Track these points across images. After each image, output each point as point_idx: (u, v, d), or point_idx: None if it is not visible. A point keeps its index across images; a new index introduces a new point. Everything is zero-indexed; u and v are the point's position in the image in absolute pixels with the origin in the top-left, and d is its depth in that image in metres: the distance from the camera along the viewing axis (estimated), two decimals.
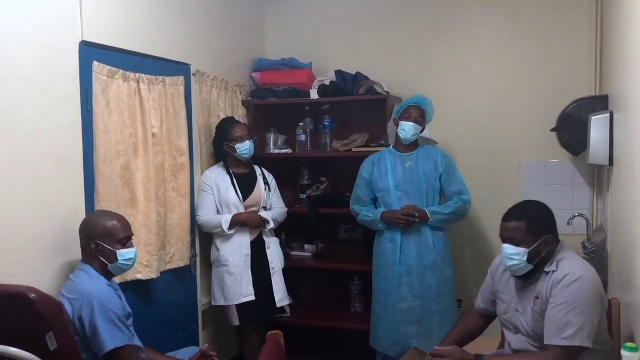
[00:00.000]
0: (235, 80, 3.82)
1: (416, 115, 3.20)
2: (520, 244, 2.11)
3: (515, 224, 2.14)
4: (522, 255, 2.11)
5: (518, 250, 2.12)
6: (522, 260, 2.12)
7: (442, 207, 3.22)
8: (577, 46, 3.56)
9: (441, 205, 3.24)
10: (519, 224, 2.14)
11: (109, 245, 2.30)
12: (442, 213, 3.20)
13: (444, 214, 3.20)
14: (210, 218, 3.28)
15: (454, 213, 3.23)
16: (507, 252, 2.14)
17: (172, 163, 3.11)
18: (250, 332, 3.38)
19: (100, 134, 2.63)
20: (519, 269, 2.15)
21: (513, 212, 2.21)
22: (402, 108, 3.25)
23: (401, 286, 3.22)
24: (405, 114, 3.21)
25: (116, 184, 2.72)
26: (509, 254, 2.13)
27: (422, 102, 3.25)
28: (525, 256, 2.11)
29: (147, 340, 2.54)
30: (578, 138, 3.19)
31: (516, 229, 2.14)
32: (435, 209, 3.20)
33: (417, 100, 3.24)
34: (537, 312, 2.11)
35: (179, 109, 3.14)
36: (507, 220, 2.18)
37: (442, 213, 3.20)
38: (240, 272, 3.27)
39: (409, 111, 3.21)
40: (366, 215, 3.31)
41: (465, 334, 2.44)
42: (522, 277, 2.20)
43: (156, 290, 3.02)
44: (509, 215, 2.20)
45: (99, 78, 2.63)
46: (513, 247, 2.13)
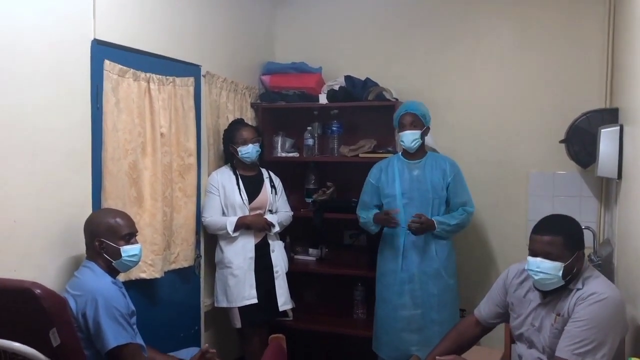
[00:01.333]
0: (245, 82, 3.83)
1: (410, 121, 3.18)
2: (557, 259, 2.05)
3: (553, 238, 2.08)
4: (558, 270, 2.05)
5: (554, 265, 2.05)
6: (558, 276, 2.05)
7: (448, 218, 3.20)
8: (588, 58, 3.55)
9: (447, 216, 3.22)
10: (557, 239, 2.07)
11: (112, 242, 2.30)
12: (448, 224, 3.19)
13: (450, 225, 3.19)
14: (215, 220, 3.28)
15: (459, 225, 3.23)
16: (542, 267, 2.07)
17: (179, 163, 3.11)
18: (252, 335, 3.37)
19: (109, 132, 2.64)
20: (550, 284, 2.09)
21: (548, 225, 2.14)
22: (397, 119, 3.26)
23: (403, 294, 3.21)
24: (401, 125, 3.22)
25: (123, 182, 2.73)
26: (544, 269, 2.06)
27: (412, 107, 3.22)
28: (561, 271, 2.05)
29: (149, 340, 2.53)
30: (587, 150, 3.18)
31: (553, 244, 2.07)
32: (442, 219, 3.18)
33: (407, 108, 3.23)
34: (557, 330, 2.07)
35: (188, 109, 3.15)
36: (543, 234, 2.11)
37: (448, 224, 3.19)
38: (244, 274, 3.27)
39: (402, 121, 3.21)
40: (363, 219, 3.33)
41: (459, 343, 2.38)
42: (544, 293, 2.15)
43: (160, 290, 3.02)
44: (544, 229, 2.13)
45: (110, 77, 2.64)
46: (549, 262, 2.06)
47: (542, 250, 2.08)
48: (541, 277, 2.08)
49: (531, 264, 2.11)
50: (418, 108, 3.23)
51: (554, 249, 2.06)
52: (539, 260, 2.08)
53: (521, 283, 2.29)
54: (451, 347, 2.35)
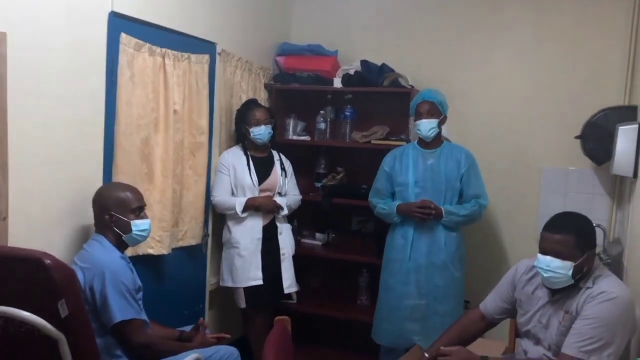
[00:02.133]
0: (260, 62, 3.79)
1: (427, 109, 3.14)
2: (567, 258, 2.03)
3: (564, 237, 2.04)
4: (568, 269, 2.03)
5: (564, 264, 2.03)
6: (567, 275, 2.03)
7: (458, 208, 3.17)
8: (609, 53, 3.49)
9: (457, 206, 3.19)
10: (568, 238, 2.04)
11: (123, 216, 2.30)
12: (457, 214, 3.16)
13: (459, 215, 3.16)
14: (224, 199, 3.28)
15: (469, 216, 3.19)
16: (552, 266, 2.04)
17: (191, 141, 3.10)
18: (256, 316, 3.38)
19: (122, 106, 2.62)
20: (559, 283, 2.07)
21: (560, 224, 2.11)
22: (413, 107, 3.22)
23: (408, 283, 3.20)
24: (418, 113, 3.18)
25: (135, 157, 2.72)
26: (554, 267, 2.04)
27: (429, 96, 3.17)
28: (571, 271, 2.02)
29: (153, 316, 2.53)
30: (603, 147, 3.14)
31: (564, 243, 2.04)
32: (451, 209, 3.16)
33: (424, 96, 3.19)
34: (565, 327, 2.06)
35: (202, 87, 3.13)
36: (554, 232, 2.07)
37: (457, 214, 3.16)
38: (251, 255, 3.27)
39: (419, 109, 3.17)
40: (382, 208, 3.29)
41: (462, 337, 2.36)
42: (553, 290, 2.14)
43: (166, 267, 3.02)
44: (556, 227, 2.09)
45: (125, 50, 2.62)
46: (559, 260, 2.03)
47: (553, 248, 2.05)
48: (550, 276, 2.06)
49: (541, 261, 2.08)
50: (436, 96, 3.19)
51: (564, 248, 2.03)
52: (549, 258, 2.05)
53: (530, 279, 2.27)
54: (454, 340, 2.33)
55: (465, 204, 3.21)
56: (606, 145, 3.09)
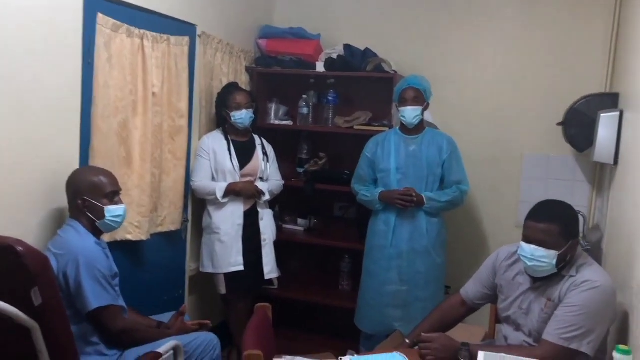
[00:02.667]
0: (241, 45, 3.73)
1: (412, 96, 3.12)
2: (551, 247, 2.01)
3: (548, 226, 2.03)
4: (552, 259, 2.01)
5: (549, 253, 2.01)
6: (551, 264, 2.02)
7: (439, 195, 3.17)
8: (591, 42, 3.50)
9: (439, 193, 3.18)
10: (552, 227, 2.02)
11: (96, 201, 2.25)
12: (439, 201, 3.16)
13: (440, 201, 3.16)
14: (205, 184, 3.23)
15: (450, 202, 3.19)
16: (536, 255, 2.03)
17: (170, 125, 3.04)
18: (237, 302, 3.36)
19: (100, 88, 2.56)
20: (542, 272, 2.07)
21: (544, 212, 2.08)
22: (398, 93, 3.19)
23: (390, 269, 3.20)
24: (402, 99, 3.15)
25: (113, 141, 2.66)
26: (538, 256, 2.03)
27: (415, 82, 3.15)
28: (555, 260, 2.02)
29: (132, 302, 2.51)
30: (585, 134, 3.14)
31: (549, 232, 2.02)
32: (432, 195, 3.15)
33: (409, 82, 3.16)
34: (547, 315, 2.06)
35: (181, 70, 3.07)
36: (539, 221, 2.05)
37: (439, 201, 3.16)
38: (231, 241, 3.23)
39: (403, 96, 3.15)
40: (365, 195, 3.27)
41: (442, 322, 2.36)
42: (535, 277, 2.13)
43: (145, 253, 2.97)
44: (540, 216, 2.06)
45: (102, 31, 2.55)
46: (543, 250, 2.02)
47: (537, 237, 2.04)
48: (534, 265, 2.05)
49: (525, 250, 2.07)
50: (421, 83, 3.17)
51: (549, 237, 2.02)
52: (533, 247, 2.04)
53: (511, 265, 2.27)
54: (435, 326, 2.33)
55: (446, 189, 3.21)
56: (588, 132, 3.10)
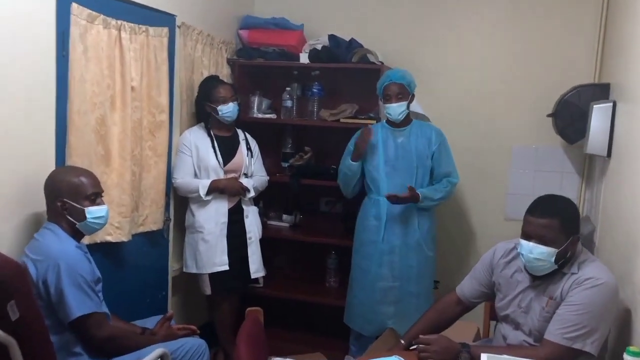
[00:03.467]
0: (222, 37, 3.61)
1: (396, 92, 3.04)
2: (551, 244, 1.95)
3: (548, 221, 1.95)
4: (551, 255, 1.95)
5: (548, 250, 1.95)
6: (550, 261, 1.96)
7: (433, 192, 3.09)
8: (579, 31, 3.45)
9: (432, 190, 3.10)
10: (553, 222, 1.95)
11: (76, 202, 2.13)
12: (433, 199, 3.09)
13: (434, 199, 3.10)
14: (187, 182, 3.11)
15: (444, 199, 3.14)
16: (535, 251, 1.96)
17: (150, 120, 2.92)
18: (222, 302, 3.26)
19: (75, 83, 2.43)
20: (542, 269, 2.00)
21: (544, 207, 2.00)
22: (380, 89, 3.10)
23: (382, 265, 3.13)
24: (386, 96, 3.07)
25: (90, 138, 2.54)
26: (537, 253, 1.96)
27: (397, 77, 3.06)
28: (554, 257, 1.95)
29: (114, 306, 2.41)
30: (575, 126, 3.10)
31: (549, 227, 1.95)
32: (427, 193, 3.07)
33: (391, 78, 3.07)
34: (548, 314, 1.99)
35: (161, 62, 2.94)
36: (538, 217, 1.97)
37: (433, 199, 3.09)
38: (216, 240, 3.12)
39: (387, 92, 3.06)
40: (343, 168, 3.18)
41: (438, 322, 2.29)
42: (536, 275, 2.06)
43: (126, 254, 2.86)
44: (540, 211, 1.98)
45: (77, 22, 2.41)
46: (542, 246, 1.95)
47: (537, 233, 1.97)
48: (533, 262, 1.99)
49: (524, 247, 2.00)
50: (404, 77, 3.08)
51: (549, 232, 1.95)
52: (532, 244, 1.97)
53: (509, 263, 2.20)
54: (430, 326, 2.27)
55: (436, 184, 3.14)
56: (579, 123, 3.05)
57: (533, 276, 2.09)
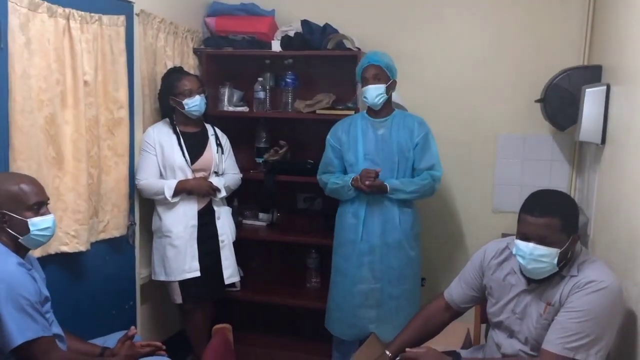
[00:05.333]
0: (187, 25, 3.37)
1: (373, 74, 2.84)
2: (552, 245, 1.77)
3: (549, 220, 1.78)
4: (554, 257, 1.77)
5: (550, 251, 1.77)
6: (552, 263, 1.78)
7: (406, 184, 2.87)
8: (566, 12, 3.25)
9: (405, 181, 2.88)
10: (554, 221, 1.78)
11: (17, 214, 1.89)
12: (404, 191, 2.86)
13: (406, 192, 2.86)
14: (151, 183, 2.88)
15: (419, 192, 2.89)
16: (536, 253, 1.78)
17: (108, 117, 2.70)
18: (194, 311, 3.05)
19: (17, 79, 2.20)
20: (543, 272, 1.82)
21: (543, 205, 1.82)
22: (359, 73, 2.90)
23: (362, 266, 2.93)
24: (364, 79, 2.87)
25: (38, 139, 2.32)
26: (538, 255, 1.78)
27: (375, 59, 2.86)
28: (556, 258, 1.77)
29: (73, 324, 2.21)
30: (566, 112, 2.91)
31: (550, 227, 1.77)
32: (397, 185, 2.85)
33: (369, 59, 2.87)
34: (546, 321, 1.82)
35: (118, 54, 2.71)
36: (538, 216, 1.79)
37: (404, 191, 2.86)
38: (185, 245, 2.90)
39: (364, 75, 2.86)
40: (335, 183, 2.94)
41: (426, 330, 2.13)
42: (531, 279, 1.89)
43: (86, 264, 2.64)
44: (540, 209, 1.80)
45: (16, 10, 2.18)
46: (543, 247, 1.77)
47: (537, 234, 1.78)
48: (534, 266, 1.80)
49: (522, 249, 1.81)
50: (382, 59, 2.87)
51: (551, 233, 1.77)
52: (531, 246, 1.78)
53: (500, 264, 2.02)
54: (417, 335, 2.10)
55: (417, 177, 2.93)
56: (570, 109, 2.87)
57: (528, 279, 1.90)
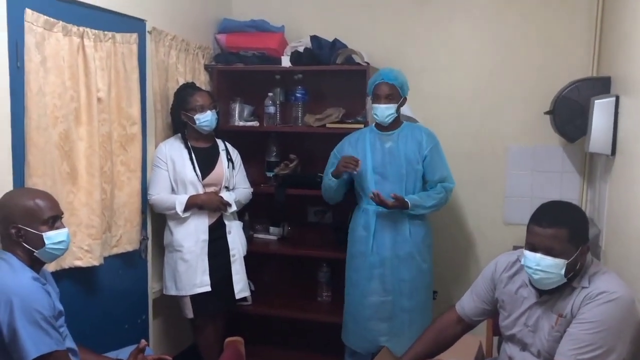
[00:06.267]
0: (198, 41, 3.41)
1: (386, 92, 2.86)
2: (560, 255, 1.78)
3: (556, 231, 1.79)
4: (561, 268, 1.78)
5: (556, 262, 1.77)
6: (560, 274, 1.78)
7: (425, 199, 2.89)
8: (574, 23, 3.27)
9: (424, 196, 2.91)
10: (561, 232, 1.79)
11: (32, 228, 1.92)
12: (424, 206, 2.89)
13: (426, 207, 2.90)
14: (163, 198, 2.91)
15: (436, 206, 2.93)
16: (543, 264, 1.79)
17: (121, 133, 2.73)
18: (206, 326, 3.05)
19: (33, 96, 2.23)
20: (551, 283, 1.82)
21: (551, 216, 1.84)
22: (371, 88, 2.92)
23: (372, 278, 2.93)
24: (375, 95, 2.89)
25: (53, 156, 2.34)
26: (545, 266, 1.78)
27: (389, 77, 2.88)
28: (564, 269, 1.78)
29: (86, 338, 2.22)
30: (575, 123, 2.92)
31: (556, 238, 1.78)
32: (417, 201, 2.87)
33: (383, 77, 2.89)
34: (558, 333, 1.81)
35: (130, 71, 2.75)
36: (546, 226, 1.80)
37: (424, 206, 2.89)
38: (196, 259, 2.92)
39: (376, 92, 2.88)
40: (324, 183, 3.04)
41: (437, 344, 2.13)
42: (541, 290, 1.89)
43: (100, 278, 2.66)
44: (547, 220, 1.82)
45: (33, 30, 2.21)
46: (550, 258, 1.78)
47: (544, 245, 1.79)
48: (541, 276, 1.81)
49: (529, 260, 1.82)
50: (397, 77, 2.89)
51: (557, 243, 1.78)
52: (539, 256, 1.79)
53: (512, 277, 2.02)
54: (429, 349, 2.10)
55: (430, 190, 2.95)
56: (579, 120, 2.87)
57: (540, 291, 1.90)
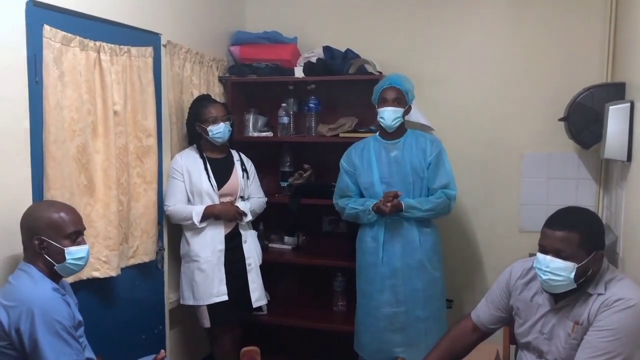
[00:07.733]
0: (212, 54, 3.45)
1: (393, 97, 2.86)
2: (569, 259, 1.78)
3: (567, 234, 1.80)
4: (570, 271, 1.78)
5: (566, 265, 1.78)
6: (569, 278, 1.78)
7: (421, 202, 2.88)
8: (588, 29, 3.27)
9: (421, 200, 2.90)
10: (571, 235, 1.79)
11: (55, 241, 1.95)
12: (420, 209, 2.87)
13: (422, 210, 2.87)
14: (179, 209, 2.94)
15: (434, 210, 2.90)
16: (551, 266, 1.79)
17: (137, 145, 2.76)
18: (223, 335, 3.06)
19: (51, 110, 2.27)
20: (559, 286, 1.82)
21: (563, 219, 1.85)
22: (378, 93, 2.92)
23: (384, 289, 2.92)
24: (382, 99, 2.89)
25: (71, 168, 2.38)
26: (554, 268, 1.79)
27: (397, 82, 2.89)
28: (573, 273, 1.78)
29: (106, 346, 2.27)
30: (590, 129, 2.90)
31: (567, 241, 1.79)
32: (413, 203, 2.86)
33: (391, 81, 2.90)
34: (575, 340, 1.80)
35: (146, 84, 2.79)
36: (556, 229, 1.82)
37: (420, 209, 2.87)
38: (213, 269, 2.94)
39: (384, 95, 2.88)
40: (353, 208, 2.96)
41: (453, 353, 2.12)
42: (556, 297, 1.88)
43: (117, 289, 2.68)
44: (558, 223, 1.83)
45: (50, 45, 2.26)
46: (560, 260, 1.78)
47: (553, 247, 1.80)
48: (549, 278, 1.81)
49: (540, 261, 1.83)
50: (403, 83, 2.91)
51: (567, 246, 1.78)
52: (548, 258, 1.80)
53: (527, 284, 2.01)
54: (446, 358, 2.09)
55: (431, 195, 2.94)
56: (594, 127, 2.86)
57: (555, 298, 1.89)
